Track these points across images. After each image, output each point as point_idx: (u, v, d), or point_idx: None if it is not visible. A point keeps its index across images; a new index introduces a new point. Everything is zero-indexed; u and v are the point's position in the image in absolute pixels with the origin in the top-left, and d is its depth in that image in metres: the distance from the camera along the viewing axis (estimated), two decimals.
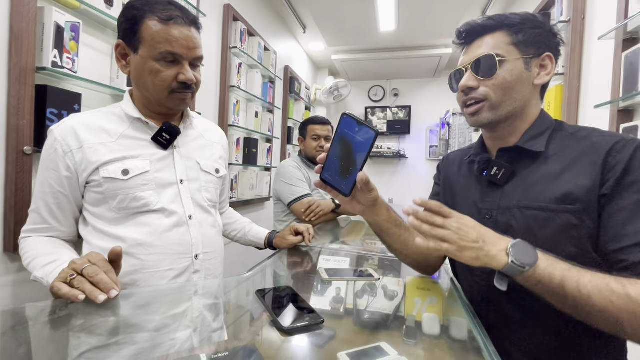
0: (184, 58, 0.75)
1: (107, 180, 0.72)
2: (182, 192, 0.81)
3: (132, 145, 0.76)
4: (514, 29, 0.64)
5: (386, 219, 0.71)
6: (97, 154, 0.73)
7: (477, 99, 0.67)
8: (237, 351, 0.49)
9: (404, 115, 4.29)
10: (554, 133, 0.66)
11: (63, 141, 0.72)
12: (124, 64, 0.77)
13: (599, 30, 1.31)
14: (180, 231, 0.79)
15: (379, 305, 0.69)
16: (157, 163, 0.78)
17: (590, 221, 0.58)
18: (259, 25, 2.42)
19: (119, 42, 0.75)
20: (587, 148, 0.60)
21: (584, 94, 1.45)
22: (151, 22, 0.72)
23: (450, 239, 0.53)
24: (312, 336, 0.53)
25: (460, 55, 0.72)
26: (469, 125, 0.75)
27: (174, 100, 0.77)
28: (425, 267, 0.82)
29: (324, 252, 1.08)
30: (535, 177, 0.64)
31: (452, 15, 2.71)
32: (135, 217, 0.75)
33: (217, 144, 0.95)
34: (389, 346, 0.50)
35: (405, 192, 4.28)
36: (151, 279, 0.75)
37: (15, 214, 0.90)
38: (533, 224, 0.62)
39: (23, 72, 0.90)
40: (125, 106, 0.79)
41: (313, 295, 0.73)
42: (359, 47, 3.52)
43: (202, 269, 0.83)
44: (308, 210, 1.54)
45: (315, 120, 1.80)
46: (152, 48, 0.72)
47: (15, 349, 0.49)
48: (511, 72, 0.64)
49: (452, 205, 0.78)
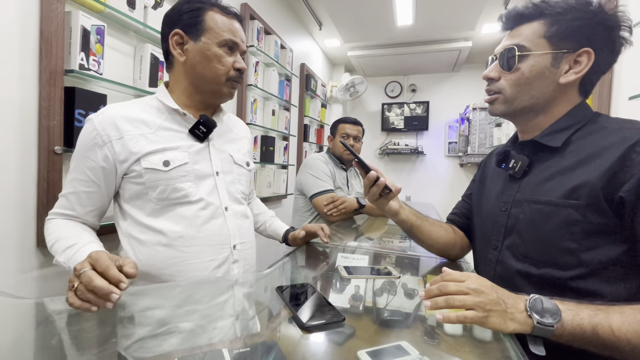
0: (238, 48, 0.82)
1: (148, 171, 0.74)
2: (218, 184, 0.83)
3: (170, 137, 0.78)
4: (552, 19, 0.61)
5: (409, 212, 0.84)
6: (138, 145, 0.74)
7: (494, 91, 0.68)
8: (257, 346, 0.50)
9: (421, 111, 4.21)
10: (585, 127, 0.63)
11: (103, 131, 0.73)
12: (179, 51, 0.80)
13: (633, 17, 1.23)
14: (218, 222, 0.81)
15: (399, 304, 0.69)
16: (194, 155, 0.80)
17: (597, 217, 0.54)
18: (275, 23, 2.43)
19: (177, 31, 0.79)
20: (613, 141, 0.56)
21: (617, 85, 1.37)
22: (215, 13, 0.79)
23: (473, 304, 0.49)
24: (331, 333, 0.53)
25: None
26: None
27: (228, 87, 0.83)
28: (449, 256, 0.90)
29: (341, 250, 1.08)
30: (551, 171, 0.62)
31: (472, 6, 2.62)
32: (174, 208, 0.77)
33: (244, 138, 0.99)
34: (409, 345, 0.49)
35: (423, 190, 4.20)
36: (194, 270, 0.77)
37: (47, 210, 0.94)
38: (537, 218, 0.61)
39: (53, 74, 0.94)
40: (162, 97, 0.81)
41: (332, 292, 0.73)
42: (375, 42, 3.47)
43: (240, 258, 0.85)
44: (331, 205, 1.53)
45: (346, 120, 1.82)
46: (217, 35, 0.78)
47: (65, 335, 0.53)
48: (531, 67, 0.62)
49: (480, 199, 0.78)
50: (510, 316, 0.49)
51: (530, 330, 0.48)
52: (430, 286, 0.54)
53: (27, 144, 0.92)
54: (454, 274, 0.54)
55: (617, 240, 0.55)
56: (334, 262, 0.93)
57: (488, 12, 2.74)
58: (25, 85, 0.91)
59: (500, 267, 0.68)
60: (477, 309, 0.48)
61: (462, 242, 0.88)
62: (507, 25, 0.68)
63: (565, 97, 0.65)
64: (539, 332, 0.48)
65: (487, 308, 0.48)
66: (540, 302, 0.49)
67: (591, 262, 0.56)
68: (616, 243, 0.55)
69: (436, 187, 4.17)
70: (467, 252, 0.90)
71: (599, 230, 0.55)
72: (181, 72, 0.81)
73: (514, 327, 0.48)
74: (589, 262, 0.56)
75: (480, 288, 0.50)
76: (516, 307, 0.50)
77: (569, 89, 0.64)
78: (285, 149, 2.66)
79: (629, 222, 0.53)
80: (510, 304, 0.50)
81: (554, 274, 0.59)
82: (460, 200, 0.93)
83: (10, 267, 0.90)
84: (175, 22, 0.79)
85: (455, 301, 0.50)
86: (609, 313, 0.48)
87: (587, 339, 0.47)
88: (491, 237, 0.71)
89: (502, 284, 0.54)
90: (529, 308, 0.49)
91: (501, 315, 0.49)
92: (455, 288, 0.51)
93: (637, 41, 1.23)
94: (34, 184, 0.94)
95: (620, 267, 0.55)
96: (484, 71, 0.70)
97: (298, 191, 1.78)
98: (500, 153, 0.73)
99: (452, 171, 4.16)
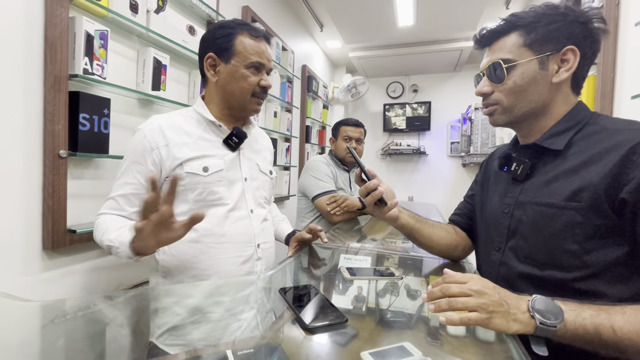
0: (265, 68, 0.92)
1: (189, 175, 0.84)
2: (245, 189, 0.93)
3: (208, 146, 0.88)
4: (527, 29, 0.63)
5: (407, 215, 0.84)
6: (182, 152, 0.84)
7: (491, 103, 0.69)
8: (261, 347, 0.50)
9: (423, 112, 4.20)
10: (585, 128, 0.63)
11: (152, 139, 0.83)
12: (212, 73, 0.90)
13: (635, 15, 1.23)
14: (245, 223, 0.91)
15: (402, 305, 0.69)
16: (228, 163, 0.90)
17: (599, 219, 0.55)
18: (276, 25, 2.44)
19: (210, 54, 0.88)
20: (615, 143, 0.57)
21: (620, 84, 1.36)
22: (244, 38, 0.88)
23: (475, 306, 0.49)
24: (334, 335, 0.53)
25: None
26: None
27: (253, 104, 0.92)
28: (452, 257, 0.90)
29: (344, 251, 1.08)
30: (554, 173, 0.63)
31: (474, 6, 2.62)
32: (208, 209, 0.85)
33: (267, 149, 1.09)
34: (412, 346, 0.49)
35: (425, 190, 4.20)
36: (222, 265, 0.86)
37: (53, 214, 0.95)
38: (539, 220, 0.62)
39: (57, 79, 0.95)
40: (201, 110, 0.91)
41: (334, 293, 0.73)
42: (376, 43, 3.48)
43: (263, 256, 0.94)
44: (334, 203, 1.54)
45: (348, 122, 1.81)
46: (245, 58, 0.87)
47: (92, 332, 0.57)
48: (522, 75, 0.64)
49: (483, 200, 0.79)
50: (513, 317, 0.49)
51: (533, 331, 0.48)
52: (432, 288, 0.54)
53: (33, 147, 0.93)
54: (455, 275, 0.54)
55: (619, 241, 0.55)
56: (337, 264, 0.93)
57: (490, 12, 2.74)
58: (30, 90, 0.92)
59: (503, 268, 0.68)
60: (480, 311, 0.48)
61: (465, 243, 0.88)
62: (483, 43, 0.70)
63: (561, 96, 0.66)
64: (541, 333, 0.48)
65: (490, 309, 0.48)
66: (543, 303, 0.49)
67: (594, 263, 0.56)
68: (618, 244, 0.55)
69: (439, 188, 4.16)
70: (469, 253, 0.90)
71: (601, 232, 0.55)
72: (214, 89, 0.92)
73: (517, 327, 0.49)
74: (591, 264, 0.56)
75: (482, 289, 0.50)
76: (519, 308, 0.50)
77: (563, 87, 0.65)
78: (288, 151, 2.67)
79: (630, 224, 0.53)
80: (512, 304, 0.50)
81: (556, 275, 0.59)
82: (462, 201, 0.94)
83: (15, 270, 0.91)
84: (210, 46, 0.89)
85: (458, 303, 0.50)
86: (610, 313, 0.48)
87: (590, 339, 0.48)
88: (494, 238, 0.71)
89: (505, 285, 0.54)
90: (532, 309, 0.49)
91: (504, 316, 0.49)
92: (458, 290, 0.51)
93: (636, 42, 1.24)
94: (39, 187, 0.95)
95: (623, 268, 0.55)
96: (476, 88, 0.72)
97: (300, 193, 1.79)
98: (502, 157, 0.74)
99: (455, 171, 4.15)
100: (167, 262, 0.85)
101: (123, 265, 1.20)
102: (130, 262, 1.20)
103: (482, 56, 0.72)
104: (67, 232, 0.99)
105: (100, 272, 1.14)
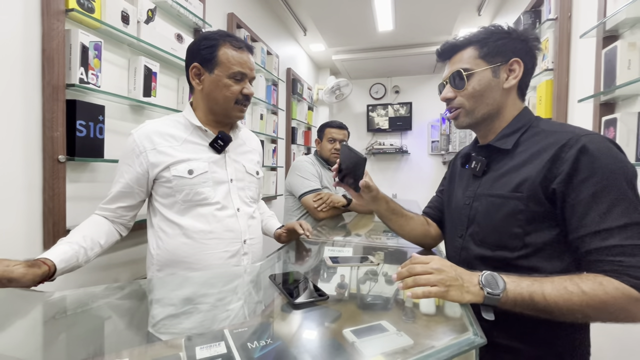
0: (247, 77, 0.96)
1: (176, 178, 0.90)
2: (231, 190, 0.98)
3: (194, 149, 0.94)
4: (480, 44, 0.75)
5: (385, 208, 0.93)
6: (168, 155, 0.90)
7: (455, 107, 0.79)
8: (254, 326, 0.57)
9: (405, 112, 4.35)
10: (529, 130, 0.75)
11: (140, 143, 0.89)
12: (197, 82, 0.95)
13: (583, 27, 1.38)
14: (232, 220, 0.97)
15: (380, 290, 0.77)
16: (213, 165, 0.95)
17: (536, 206, 0.66)
18: (261, 30, 2.50)
19: (195, 64, 0.94)
20: (549, 143, 0.68)
21: (572, 89, 1.51)
22: (227, 49, 0.92)
23: (435, 281, 0.58)
24: (320, 316, 0.59)
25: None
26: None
27: (236, 111, 0.97)
28: (423, 245, 1.01)
29: (329, 244, 1.17)
30: (504, 169, 0.74)
31: (448, 12, 2.76)
32: (196, 208, 0.93)
33: (255, 150, 1.14)
34: (389, 324, 0.56)
35: (408, 187, 4.34)
36: (210, 259, 0.93)
37: (53, 215, 1.00)
38: (491, 209, 0.73)
39: (55, 89, 1.00)
40: (188, 116, 0.97)
41: (320, 281, 0.80)
42: (358, 46, 3.58)
43: (249, 252, 1.01)
44: (320, 200, 1.63)
45: (332, 124, 1.91)
46: (227, 68, 0.92)
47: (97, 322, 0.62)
48: (479, 81, 0.75)
49: (450, 194, 0.90)
50: (467, 289, 0.59)
51: (482, 300, 0.58)
52: (401, 269, 0.63)
53: (33, 153, 0.98)
54: (420, 257, 0.64)
55: (553, 224, 0.66)
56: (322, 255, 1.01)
57: (463, 18, 2.90)
58: (29, 100, 0.97)
59: (464, 252, 0.79)
60: (439, 285, 0.58)
61: (435, 233, 0.98)
62: (444, 56, 0.82)
63: (511, 101, 0.77)
64: (488, 301, 0.58)
65: (447, 284, 0.58)
66: (490, 277, 0.60)
67: (533, 243, 0.67)
68: (552, 227, 0.66)
69: (420, 185, 4.31)
70: (439, 241, 1.01)
71: (539, 217, 0.66)
72: (199, 96, 0.97)
73: (469, 298, 0.59)
74: (531, 244, 0.67)
75: (441, 267, 0.60)
76: (471, 282, 0.60)
77: (512, 94, 0.77)
78: (274, 152, 2.74)
79: (560, 209, 0.64)
80: (466, 279, 0.60)
81: (505, 255, 0.70)
82: (434, 196, 1.05)
83: None
84: (195, 56, 0.94)
85: (421, 280, 0.59)
86: (542, 282, 0.59)
87: (526, 304, 0.58)
88: (457, 227, 0.82)
89: (465, 266, 0.64)
90: (481, 282, 0.59)
91: (459, 289, 0.58)
92: (421, 269, 0.61)
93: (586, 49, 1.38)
94: (39, 191, 1.00)
95: (556, 246, 0.66)
96: (440, 95, 0.82)
97: (287, 192, 1.86)
98: (463, 156, 0.86)
99: (436, 169, 4.31)
100: (161, 257, 0.93)
101: (121, 264, 1.26)
102: (128, 260, 1.27)
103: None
104: (67, 232, 1.05)
105: (99, 271, 1.19)
